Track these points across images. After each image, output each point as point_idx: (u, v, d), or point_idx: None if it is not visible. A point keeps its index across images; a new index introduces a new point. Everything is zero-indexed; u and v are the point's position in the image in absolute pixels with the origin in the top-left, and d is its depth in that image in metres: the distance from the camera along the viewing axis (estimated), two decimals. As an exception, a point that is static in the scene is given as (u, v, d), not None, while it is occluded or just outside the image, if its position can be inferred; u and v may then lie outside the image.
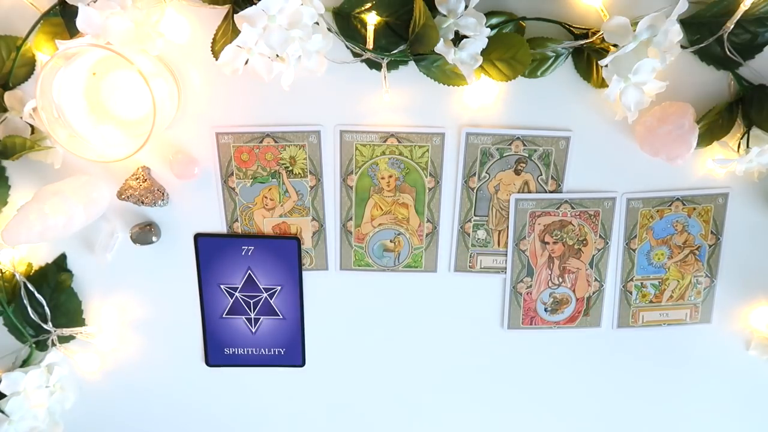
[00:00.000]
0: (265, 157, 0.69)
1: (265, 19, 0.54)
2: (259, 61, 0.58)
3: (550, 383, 0.80)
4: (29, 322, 0.73)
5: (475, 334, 0.77)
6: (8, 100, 0.65)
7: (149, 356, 0.78)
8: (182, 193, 0.71)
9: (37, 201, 0.63)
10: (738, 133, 0.66)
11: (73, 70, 0.62)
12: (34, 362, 0.75)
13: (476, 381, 0.80)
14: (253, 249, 0.73)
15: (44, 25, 0.63)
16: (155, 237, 0.71)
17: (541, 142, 0.69)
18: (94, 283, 0.75)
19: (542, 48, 0.63)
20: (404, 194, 0.71)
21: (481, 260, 0.74)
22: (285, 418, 0.82)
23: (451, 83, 0.63)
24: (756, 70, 0.64)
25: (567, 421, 0.82)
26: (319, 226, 0.73)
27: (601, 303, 0.76)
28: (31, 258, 0.73)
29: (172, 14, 0.61)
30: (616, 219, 0.72)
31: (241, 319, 0.76)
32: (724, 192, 0.71)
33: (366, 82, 0.66)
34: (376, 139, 0.69)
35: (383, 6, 0.61)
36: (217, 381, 0.80)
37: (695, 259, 0.74)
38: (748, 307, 0.76)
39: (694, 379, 0.79)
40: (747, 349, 0.77)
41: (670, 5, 0.56)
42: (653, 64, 0.57)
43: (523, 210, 0.72)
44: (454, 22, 0.59)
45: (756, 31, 0.62)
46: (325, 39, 0.59)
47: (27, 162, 0.68)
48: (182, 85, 0.66)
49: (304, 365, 0.79)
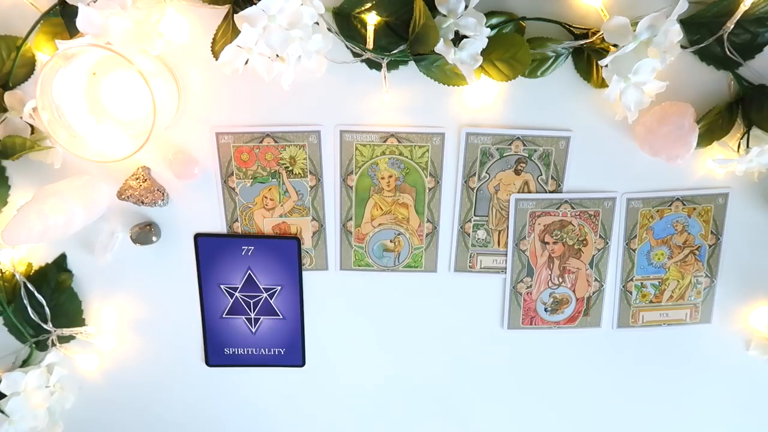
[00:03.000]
0: (265, 157, 0.69)
1: (265, 19, 0.54)
2: (259, 61, 0.58)
3: (550, 383, 0.80)
4: (29, 322, 0.73)
5: (475, 334, 0.77)
6: (8, 100, 0.65)
7: (149, 356, 0.78)
8: (182, 193, 0.71)
9: (37, 201, 0.63)
10: (738, 133, 0.66)
11: (73, 70, 0.62)
12: (34, 362, 0.75)
13: (476, 381, 0.80)
14: (253, 249, 0.73)
15: (44, 25, 0.63)
16: (155, 237, 0.71)
17: (541, 142, 0.69)
18: (94, 283, 0.75)
19: (542, 48, 0.63)
20: (404, 194, 0.71)
21: (481, 260, 0.74)
22: (285, 418, 0.82)
23: (451, 83, 0.63)
24: (756, 70, 0.64)
25: (567, 420, 0.82)
26: (319, 226, 0.73)
27: (601, 303, 0.76)
28: (31, 258, 0.73)
29: (172, 14, 0.61)
30: (616, 219, 0.72)
31: (241, 319, 0.76)
32: (724, 192, 0.71)
33: (366, 82, 0.66)
34: (376, 139, 0.69)
35: (383, 6, 0.61)
36: (217, 381, 0.80)
37: (695, 259, 0.74)
38: (748, 307, 0.76)
39: (694, 379, 0.79)
40: (747, 349, 0.77)
41: (670, 5, 0.56)
42: (653, 64, 0.57)
43: (523, 210, 0.72)
44: (454, 22, 0.59)
45: (756, 31, 0.62)
46: (325, 39, 0.59)
47: (27, 162, 0.68)
48: (182, 85, 0.66)
49: (304, 365, 0.79)
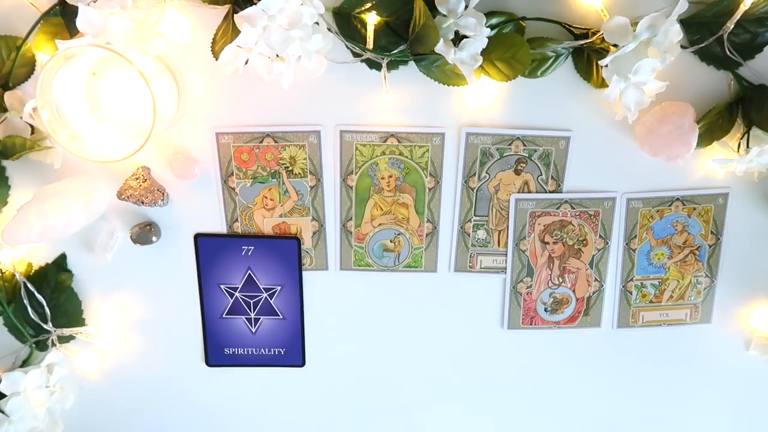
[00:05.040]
0: (265, 157, 0.69)
1: (265, 19, 0.54)
2: (259, 61, 0.58)
3: (550, 383, 0.80)
4: (29, 322, 0.73)
5: (475, 334, 0.77)
6: (8, 100, 0.65)
7: (149, 356, 0.78)
8: (182, 193, 0.71)
9: (37, 201, 0.63)
10: (738, 133, 0.66)
11: (73, 70, 0.62)
12: (34, 362, 0.75)
13: (476, 381, 0.80)
14: (253, 249, 0.73)
15: (44, 25, 0.63)
16: (155, 237, 0.71)
17: (541, 142, 0.69)
18: (94, 283, 0.75)
19: (542, 48, 0.63)
20: (404, 194, 0.71)
21: (481, 260, 0.74)
22: (285, 418, 0.82)
23: (451, 83, 0.63)
24: (756, 70, 0.64)
25: (567, 420, 0.82)
26: (319, 226, 0.73)
27: (601, 303, 0.76)
28: (31, 258, 0.73)
29: (172, 14, 0.61)
30: (616, 219, 0.72)
31: (241, 319, 0.76)
32: (724, 192, 0.71)
33: (366, 82, 0.66)
34: (376, 139, 0.69)
35: (383, 6, 0.61)
36: (217, 381, 0.80)
37: (695, 259, 0.74)
38: (748, 307, 0.76)
39: (694, 379, 0.79)
40: (747, 349, 0.77)
41: (670, 5, 0.56)
42: (653, 64, 0.57)
43: (523, 210, 0.72)
44: (454, 22, 0.59)
45: (756, 31, 0.62)
46: (325, 39, 0.59)
47: (27, 162, 0.68)
48: (182, 85, 0.66)
49: (304, 365, 0.79)
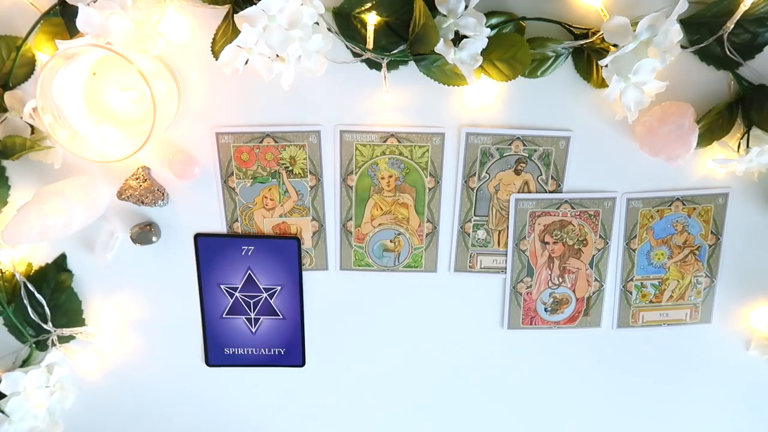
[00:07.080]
0: (265, 157, 0.69)
1: (265, 19, 0.54)
2: (259, 61, 0.58)
3: (550, 383, 0.80)
4: (29, 322, 0.73)
5: (475, 334, 0.77)
6: (8, 100, 0.65)
7: (149, 356, 0.78)
8: (182, 193, 0.71)
9: (37, 201, 0.63)
10: (738, 133, 0.66)
11: (73, 70, 0.62)
12: (34, 362, 0.75)
13: (476, 381, 0.80)
14: (253, 249, 0.73)
15: (44, 25, 0.63)
16: (155, 237, 0.71)
17: (541, 142, 0.69)
18: (94, 283, 0.75)
19: (542, 48, 0.63)
20: (404, 194, 0.71)
21: (481, 260, 0.74)
22: (285, 418, 0.82)
23: (451, 83, 0.63)
24: (756, 70, 0.64)
25: (567, 420, 0.82)
26: (319, 226, 0.73)
27: (601, 303, 0.76)
28: (31, 258, 0.73)
29: (172, 14, 0.61)
30: (616, 219, 0.72)
31: (241, 319, 0.76)
32: (724, 192, 0.71)
33: (366, 82, 0.66)
34: (376, 139, 0.69)
35: (383, 6, 0.61)
36: (217, 381, 0.80)
37: (695, 259, 0.74)
38: (748, 307, 0.76)
39: (694, 379, 0.79)
40: (747, 349, 0.77)
41: (670, 5, 0.56)
42: (653, 64, 0.57)
43: (523, 210, 0.72)
44: (454, 22, 0.59)
45: (756, 31, 0.62)
46: (325, 39, 0.59)
47: (27, 162, 0.68)
48: (182, 85, 0.66)
49: (304, 365, 0.79)
